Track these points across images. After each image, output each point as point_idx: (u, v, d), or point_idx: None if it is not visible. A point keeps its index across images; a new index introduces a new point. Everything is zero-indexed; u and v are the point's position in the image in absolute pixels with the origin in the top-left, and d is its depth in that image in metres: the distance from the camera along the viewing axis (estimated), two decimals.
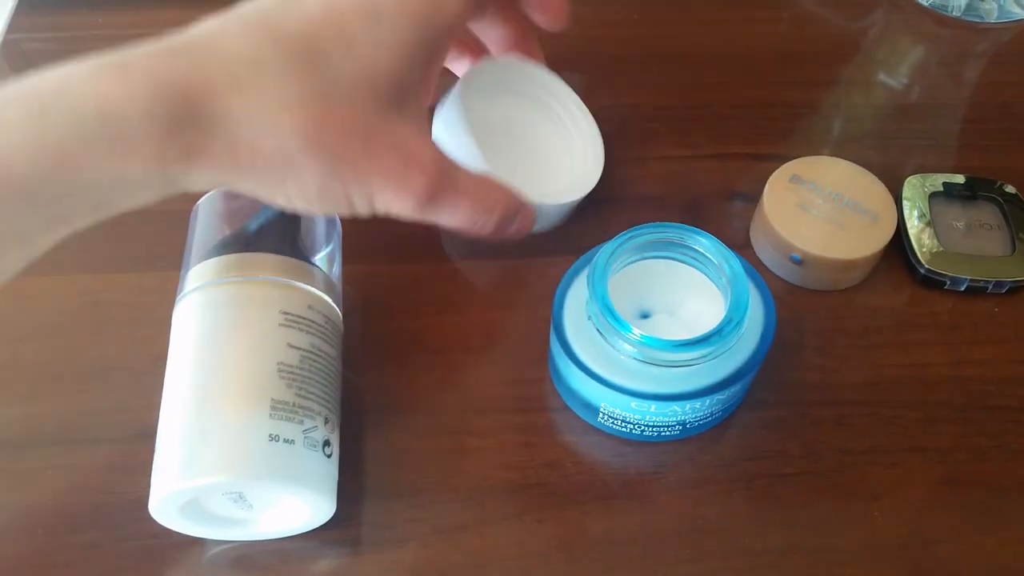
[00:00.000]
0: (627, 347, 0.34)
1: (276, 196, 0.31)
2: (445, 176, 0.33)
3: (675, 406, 0.35)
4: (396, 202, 0.32)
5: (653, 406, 0.35)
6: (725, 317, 0.34)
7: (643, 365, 0.34)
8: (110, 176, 0.28)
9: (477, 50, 0.44)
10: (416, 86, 0.33)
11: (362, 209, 0.32)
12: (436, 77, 0.39)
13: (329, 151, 0.30)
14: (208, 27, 0.30)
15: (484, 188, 0.35)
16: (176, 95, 0.28)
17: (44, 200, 0.27)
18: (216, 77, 0.29)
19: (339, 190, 0.31)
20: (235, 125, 0.29)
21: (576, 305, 0.37)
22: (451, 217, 0.34)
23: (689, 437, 0.39)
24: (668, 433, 0.37)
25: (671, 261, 0.38)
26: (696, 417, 0.36)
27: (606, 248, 0.36)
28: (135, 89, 0.27)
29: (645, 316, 0.39)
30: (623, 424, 0.37)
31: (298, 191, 0.31)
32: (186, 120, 0.28)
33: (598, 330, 0.35)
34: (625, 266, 0.37)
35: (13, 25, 0.57)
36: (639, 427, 0.37)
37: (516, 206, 0.37)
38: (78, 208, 0.29)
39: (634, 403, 0.35)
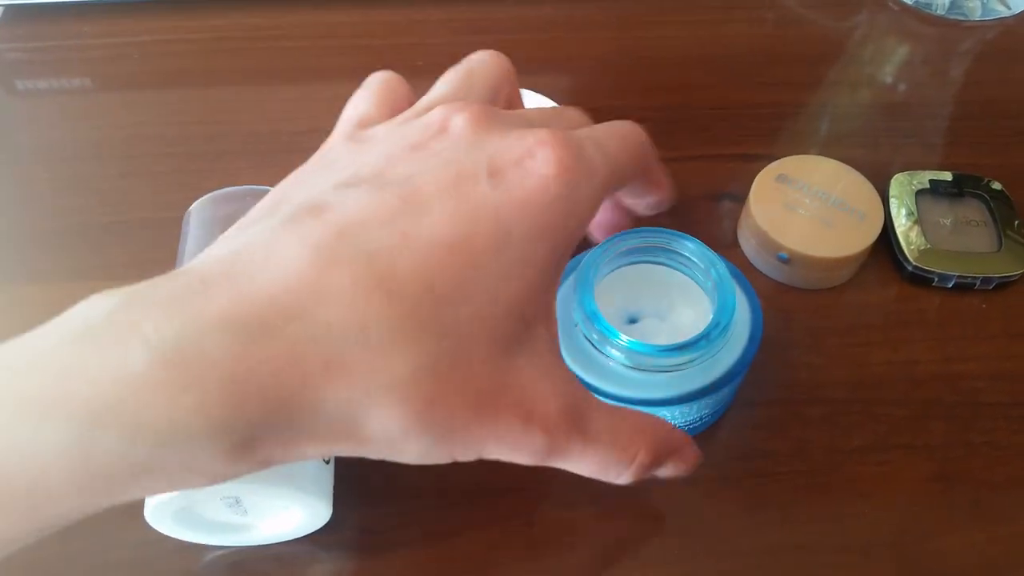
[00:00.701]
0: (615, 353, 0.34)
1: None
2: (573, 426, 0.27)
3: (664, 411, 0.35)
4: (509, 457, 0.27)
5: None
6: (711, 322, 0.34)
7: (631, 371, 0.35)
8: (156, 492, 0.24)
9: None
10: (543, 310, 0.28)
11: (466, 460, 0.27)
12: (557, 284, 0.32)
13: (439, 428, 0.25)
14: (297, 266, 0.24)
15: (622, 432, 0.29)
16: (258, 402, 0.22)
17: (74, 520, 0.23)
18: (308, 362, 0.23)
19: (445, 455, 0.26)
20: (327, 417, 0.23)
21: (563, 311, 0.37)
22: (576, 467, 0.28)
23: None
24: None
25: (657, 266, 0.38)
26: (686, 422, 0.37)
27: (591, 254, 0.36)
28: (207, 402, 0.22)
29: (633, 321, 0.39)
30: None
31: (397, 458, 0.26)
32: (267, 428, 0.23)
33: (585, 336, 0.35)
34: (611, 271, 0.37)
35: None
36: None
37: (664, 449, 0.30)
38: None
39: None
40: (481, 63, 0.33)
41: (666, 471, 0.31)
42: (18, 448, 0.21)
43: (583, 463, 0.28)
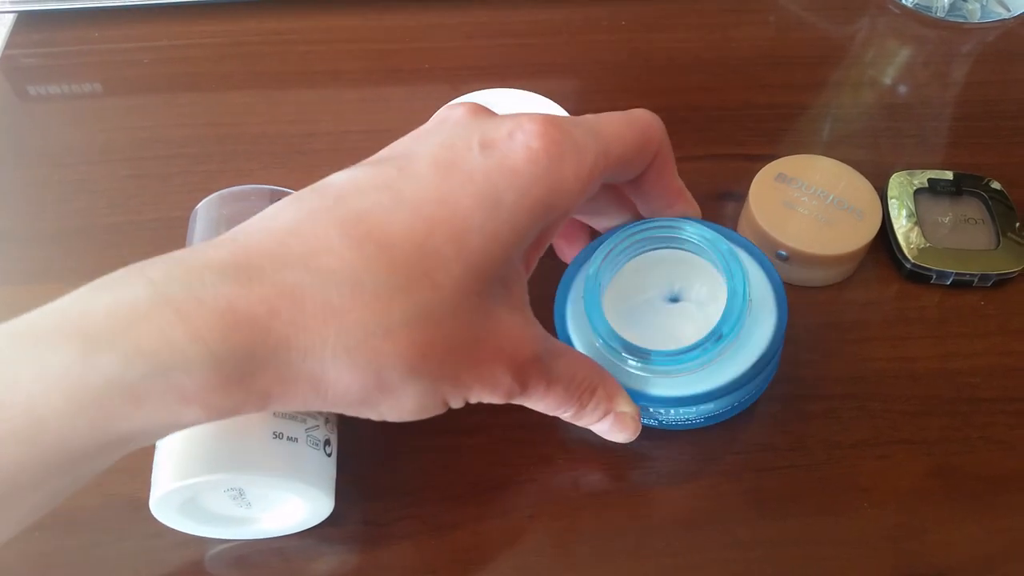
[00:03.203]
0: (636, 364, 0.34)
1: (364, 416, 0.28)
2: (541, 371, 0.31)
3: (691, 410, 0.36)
4: (487, 398, 0.30)
5: (671, 411, 0.36)
6: (723, 315, 0.34)
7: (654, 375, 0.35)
8: (157, 428, 0.24)
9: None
10: (520, 273, 0.32)
11: (455, 407, 0.30)
12: (541, 253, 0.37)
13: (433, 374, 0.27)
14: (294, 224, 0.26)
15: (576, 378, 0.32)
16: (254, 334, 0.24)
17: (79, 457, 0.23)
18: (305, 304, 0.24)
19: (437, 402, 0.29)
20: (323, 360, 0.25)
21: (578, 309, 0.37)
22: (536, 406, 0.32)
23: (677, 431, 0.39)
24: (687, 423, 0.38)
25: (671, 251, 0.37)
26: (717, 412, 0.37)
27: (594, 262, 0.36)
28: (203, 331, 0.23)
29: (675, 300, 0.38)
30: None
31: (393, 412, 0.28)
32: (264, 361, 0.24)
33: (609, 356, 0.35)
34: (628, 261, 0.37)
35: (11, 41, 0.57)
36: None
37: (604, 395, 0.33)
38: (112, 457, 0.25)
39: (652, 408, 0.36)
40: None
41: (612, 436, 0.34)
42: (15, 371, 0.22)
43: (543, 402, 0.32)
